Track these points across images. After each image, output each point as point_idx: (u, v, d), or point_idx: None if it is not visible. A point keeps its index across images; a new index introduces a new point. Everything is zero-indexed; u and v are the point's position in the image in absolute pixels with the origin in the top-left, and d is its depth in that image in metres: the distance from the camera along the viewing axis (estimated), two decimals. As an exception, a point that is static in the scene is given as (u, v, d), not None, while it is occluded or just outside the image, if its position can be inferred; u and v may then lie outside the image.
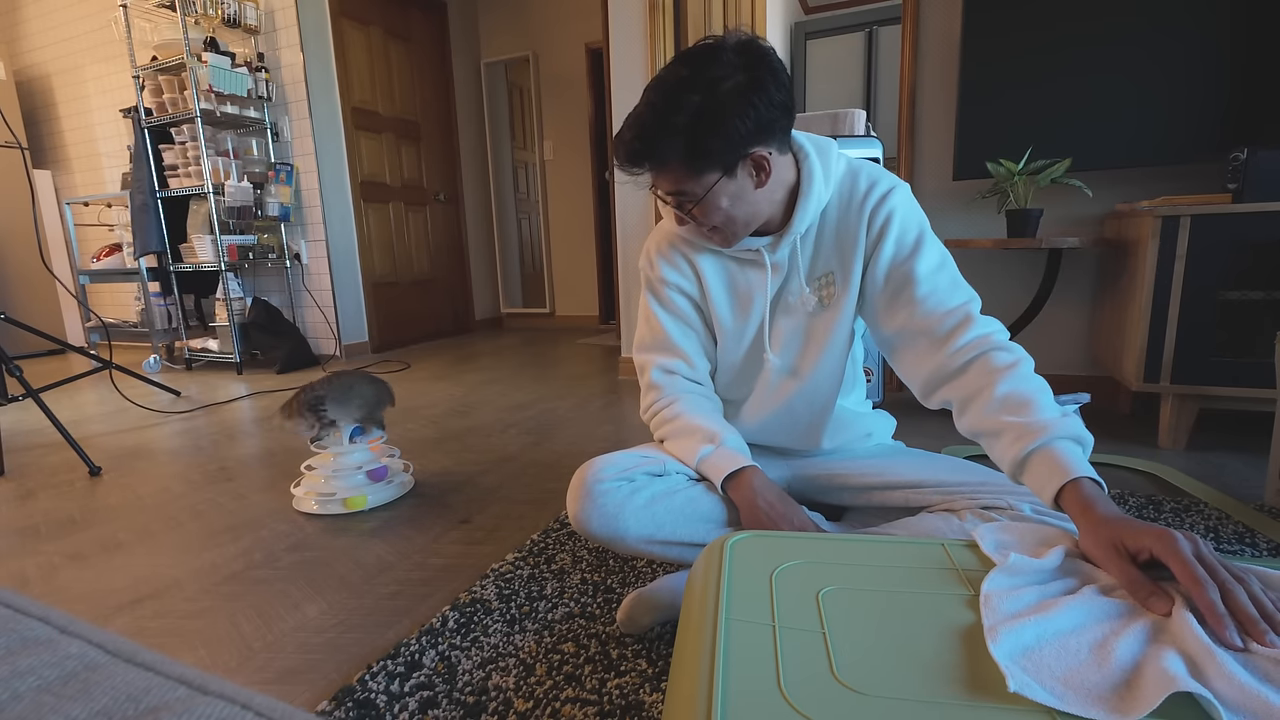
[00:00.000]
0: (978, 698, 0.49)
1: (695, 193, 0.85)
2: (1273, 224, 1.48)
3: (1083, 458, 0.70)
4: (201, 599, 1.09)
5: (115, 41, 3.81)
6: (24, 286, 4.07)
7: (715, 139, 0.80)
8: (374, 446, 1.49)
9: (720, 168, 0.83)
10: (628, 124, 0.84)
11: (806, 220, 0.92)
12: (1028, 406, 0.74)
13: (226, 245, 3.14)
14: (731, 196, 0.85)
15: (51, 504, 1.55)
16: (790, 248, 0.95)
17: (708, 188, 0.84)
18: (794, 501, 0.92)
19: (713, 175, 0.83)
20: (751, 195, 0.87)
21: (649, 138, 0.81)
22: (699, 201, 0.85)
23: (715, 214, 0.87)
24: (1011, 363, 0.80)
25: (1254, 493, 1.37)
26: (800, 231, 0.93)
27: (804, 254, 0.95)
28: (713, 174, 0.83)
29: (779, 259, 0.95)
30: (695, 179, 0.83)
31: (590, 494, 0.91)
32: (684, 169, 0.82)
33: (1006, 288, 2.19)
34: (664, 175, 0.85)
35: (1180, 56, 1.78)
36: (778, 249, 0.94)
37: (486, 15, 4.59)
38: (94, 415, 2.42)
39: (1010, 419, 0.74)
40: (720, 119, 0.79)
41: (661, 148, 0.81)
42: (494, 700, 0.80)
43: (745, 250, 0.96)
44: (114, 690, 0.26)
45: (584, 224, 4.63)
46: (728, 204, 0.86)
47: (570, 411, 2.26)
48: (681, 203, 0.87)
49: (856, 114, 1.94)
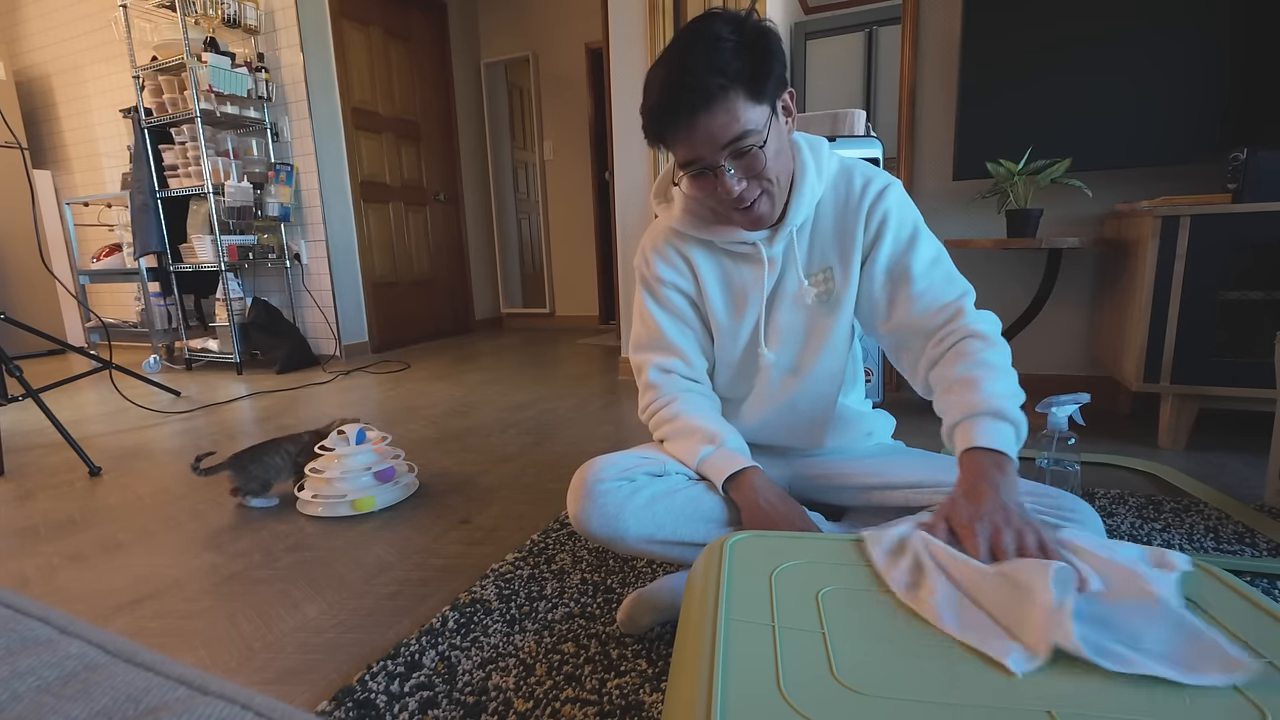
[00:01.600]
0: (977, 698, 0.49)
1: (760, 129, 0.78)
2: (1273, 224, 1.48)
3: (994, 431, 0.76)
4: (201, 599, 1.09)
5: (115, 41, 3.80)
6: (24, 286, 4.07)
7: (766, 61, 0.77)
8: (378, 447, 1.49)
9: (770, 100, 0.80)
10: (663, 85, 0.78)
11: (802, 213, 0.91)
12: (971, 385, 0.80)
13: (226, 245, 3.14)
14: (779, 140, 0.83)
15: (51, 504, 1.55)
16: (786, 241, 0.94)
17: (767, 123, 0.79)
18: (795, 502, 0.92)
19: (766, 109, 0.79)
20: (788, 146, 0.87)
21: (707, 70, 0.75)
22: (764, 141, 0.79)
23: (773, 162, 0.82)
24: (976, 349, 0.84)
25: (1254, 493, 1.37)
26: (796, 224, 0.92)
27: (800, 248, 0.95)
28: (766, 107, 0.79)
29: (775, 253, 0.95)
30: (757, 110, 0.78)
31: (590, 494, 0.91)
32: (746, 96, 0.77)
33: (1006, 288, 2.19)
34: (722, 115, 0.77)
35: (1180, 56, 1.78)
36: (774, 243, 0.94)
37: (486, 15, 4.59)
38: (94, 415, 2.42)
39: (953, 398, 0.81)
40: (764, 42, 0.77)
41: (722, 76, 0.75)
42: (494, 700, 0.80)
43: (741, 244, 0.95)
44: (114, 690, 0.26)
45: (584, 224, 4.63)
46: (777, 149, 0.82)
47: (570, 412, 2.26)
48: (747, 146, 0.79)
49: (856, 114, 1.94)
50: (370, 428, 1.53)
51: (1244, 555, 1.10)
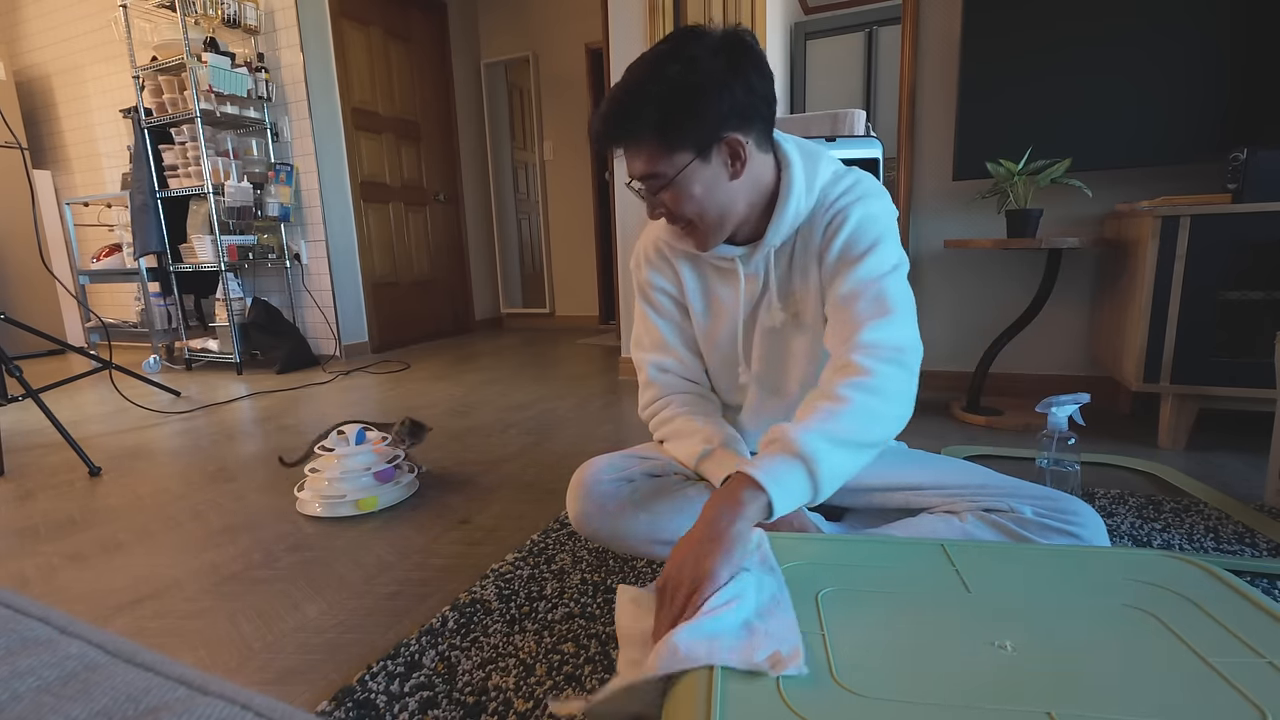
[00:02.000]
0: (977, 700, 0.49)
1: (666, 173, 0.80)
2: (1272, 224, 1.48)
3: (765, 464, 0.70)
4: (201, 599, 1.09)
5: (115, 42, 3.80)
6: (24, 287, 4.07)
7: (689, 113, 0.77)
8: (377, 448, 1.49)
9: (694, 147, 0.79)
10: (606, 98, 0.81)
11: (782, 233, 0.88)
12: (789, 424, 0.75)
13: (226, 245, 3.14)
14: (705, 184, 0.81)
15: (51, 504, 1.55)
16: (764, 262, 0.92)
17: (679, 169, 0.79)
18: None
19: (685, 155, 0.79)
20: (725, 187, 0.82)
21: (624, 107, 0.79)
22: (669, 184, 0.81)
23: (688, 203, 0.82)
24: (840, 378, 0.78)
25: (1254, 493, 1.37)
26: (775, 244, 0.89)
27: (777, 268, 0.92)
28: (685, 154, 0.79)
29: (753, 271, 0.92)
30: (667, 157, 0.79)
31: (590, 494, 0.91)
32: (657, 143, 0.79)
33: (1006, 288, 2.19)
34: (637, 152, 0.81)
35: (1180, 56, 1.78)
36: (752, 260, 0.91)
37: (486, 15, 4.59)
38: (94, 415, 2.42)
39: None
40: (697, 92, 0.77)
41: (635, 118, 0.78)
42: (494, 700, 0.80)
43: (720, 258, 0.93)
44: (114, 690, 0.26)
45: (584, 224, 4.63)
46: (700, 193, 0.81)
47: (570, 412, 2.26)
48: (654, 187, 0.82)
49: (856, 114, 1.94)
50: (371, 428, 1.53)
51: (1244, 555, 1.10)
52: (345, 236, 3.56)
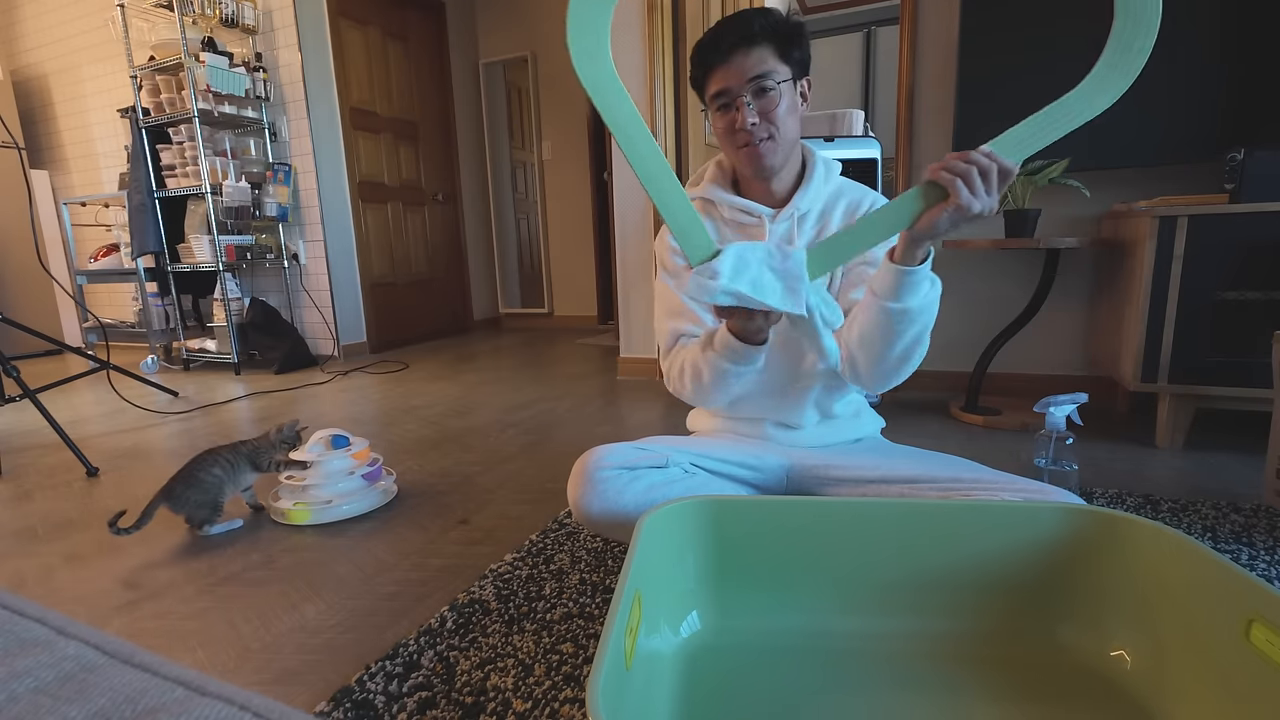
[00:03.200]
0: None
1: (777, 76, 0.93)
2: (1270, 224, 1.48)
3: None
4: (199, 600, 1.09)
5: (112, 41, 3.79)
6: (21, 287, 4.06)
7: (799, 37, 0.94)
8: (355, 453, 1.47)
9: (795, 69, 0.94)
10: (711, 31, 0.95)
11: (808, 201, 1.02)
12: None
13: (224, 245, 3.14)
14: (789, 105, 0.95)
15: (49, 505, 1.55)
16: (789, 223, 1.01)
17: (785, 77, 0.94)
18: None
19: (787, 70, 0.94)
20: (797, 116, 0.98)
21: (746, 21, 0.92)
22: (778, 87, 0.93)
23: (778, 111, 0.94)
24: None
25: (1252, 493, 1.38)
26: (801, 209, 1.01)
27: (801, 238, 1.02)
28: (788, 69, 0.94)
29: (777, 230, 1.02)
30: (780, 64, 0.93)
31: (591, 480, 0.93)
32: (774, 49, 0.93)
33: (1004, 288, 2.20)
34: (752, 55, 0.92)
35: (1178, 56, 1.78)
36: (779, 220, 1.02)
37: (485, 15, 4.59)
38: (91, 416, 2.42)
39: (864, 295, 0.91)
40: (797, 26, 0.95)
41: (760, 26, 0.92)
42: (492, 701, 0.80)
43: (749, 214, 1.03)
44: (111, 691, 0.26)
45: (582, 224, 4.63)
46: (786, 109, 0.95)
47: (569, 412, 2.26)
48: (764, 86, 0.93)
49: (855, 114, 1.95)
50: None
51: (1241, 555, 1.10)
52: (343, 236, 3.55)
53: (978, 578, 0.81)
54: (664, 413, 2.19)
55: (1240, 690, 0.60)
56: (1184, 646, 0.68)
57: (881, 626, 0.82)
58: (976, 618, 0.81)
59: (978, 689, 0.72)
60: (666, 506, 0.82)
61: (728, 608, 0.85)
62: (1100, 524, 0.78)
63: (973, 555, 0.81)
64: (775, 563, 0.84)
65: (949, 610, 0.81)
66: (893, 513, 0.82)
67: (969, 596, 0.81)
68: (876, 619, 0.82)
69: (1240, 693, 0.60)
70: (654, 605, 0.76)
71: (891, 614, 0.82)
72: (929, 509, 0.82)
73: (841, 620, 0.83)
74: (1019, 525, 0.80)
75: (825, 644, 0.81)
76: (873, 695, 0.72)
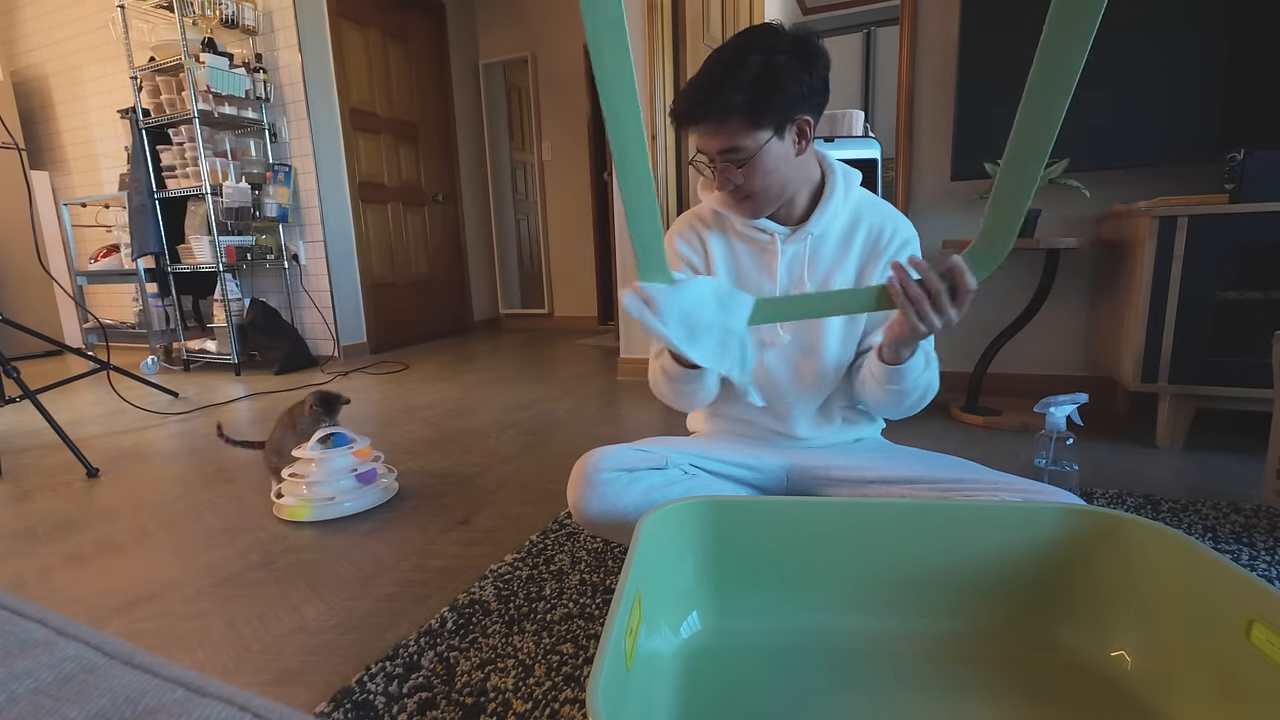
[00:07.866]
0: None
1: (749, 148, 0.89)
2: (1270, 224, 1.48)
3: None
4: (199, 601, 1.09)
5: (113, 42, 3.79)
6: (21, 287, 4.06)
7: (776, 94, 0.86)
8: (357, 451, 1.48)
9: (774, 126, 0.89)
10: (691, 84, 0.90)
11: (823, 223, 0.98)
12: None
13: (224, 246, 3.14)
14: (775, 159, 0.91)
15: (49, 505, 1.55)
16: (802, 245, 0.99)
17: (760, 145, 0.89)
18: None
19: (765, 133, 0.89)
20: (790, 163, 0.93)
21: (716, 90, 0.87)
22: (750, 158, 0.90)
23: (759, 176, 0.92)
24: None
25: (1252, 493, 1.38)
26: (816, 231, 0.98)
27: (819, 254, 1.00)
28: (766, 131, 0.89)
29: (789, 250, 1.00)
30: (751, 134, 0.88)
31: (590, 482, 0.93)
32: (744, 122, 0.88)
33: (1004, 288, 2.20)
34: (721, 131, 0.89)
35: (1177, 56, 1.78)
36: (791, 240, 1.00)
37: (484, 16, 4.59)
38: (91, 416, 2.42)
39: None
40: (779, 77, 0.86)
41: (727, 100, 0.87)
42: (493, 701, 0.80)
43: (763, 231, 1.00)
44: (111, 692, 0.26)
45: (582, 224, 4.63)
46: (771, 167, 0.91)
47: (569, 412, 2.26)
48: (732, 161, 0.91)
49: (855, 115, 1.95)
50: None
51: (1242, 555, 1.10)
52: (343, 237, 3.55)
53: (978, 578, 0.81)
54: (664, 413, 2.19)
55: (1241, 691, 0.60)
56: (1184, 647, 0.68)
57: (882, 627, 0.82)
58: (977, 618, 0.81)
59: (978, 689, 0.72)
60: (666, 507, 0.82)
61: (728, 608, 0.85)
62: (1100, 524, 0.78)
63: (973, 555, 0.81)
64: (775, 563, 0.84)
65: (949, 610, 0.82)
66: (893, 513, 0.82)
67: (969, 597, 0.81)
68: (877, 619, 0.82)
69: (1241, 693, 0.60)
70: (654, 606, 0.76)
71: (892, 614, 0.82)
72: (929, 509, 0.82)
73: (842, 620, 0.83)
74: (1019, 525, 0.80)
75: (826, 644, 0.81)
76: (874, 695, 0.72)
